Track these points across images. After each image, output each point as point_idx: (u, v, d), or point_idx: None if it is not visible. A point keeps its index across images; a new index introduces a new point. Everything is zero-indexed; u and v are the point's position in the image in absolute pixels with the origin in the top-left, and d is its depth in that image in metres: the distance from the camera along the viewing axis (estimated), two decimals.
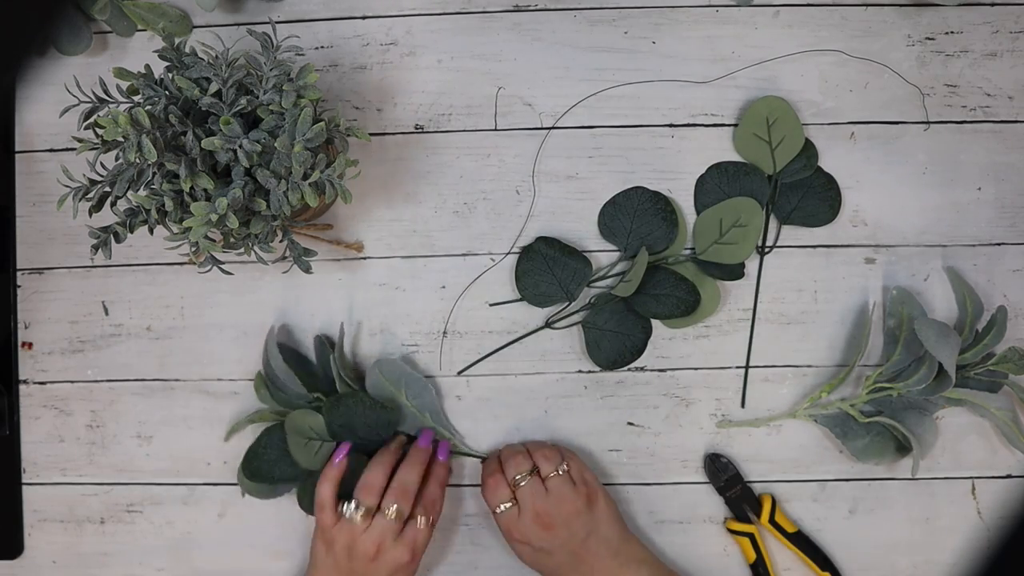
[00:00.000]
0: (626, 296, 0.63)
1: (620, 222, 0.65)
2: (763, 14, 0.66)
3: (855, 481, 0.65)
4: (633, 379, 0.66)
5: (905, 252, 0.66)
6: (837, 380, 0.64)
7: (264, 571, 0.67)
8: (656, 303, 0.64)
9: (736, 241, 0.64)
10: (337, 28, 0.67)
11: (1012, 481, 0.65)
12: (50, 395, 0.68)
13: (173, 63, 0.53)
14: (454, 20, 0.67)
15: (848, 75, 0.66)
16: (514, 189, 0.66)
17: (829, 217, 0.65)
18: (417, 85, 0.67)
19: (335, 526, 0.59)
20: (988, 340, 0.62)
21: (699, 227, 0.65)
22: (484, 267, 0.66)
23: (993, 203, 0.66)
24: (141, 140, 0.49)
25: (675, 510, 0.66)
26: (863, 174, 0.66)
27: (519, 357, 0.66)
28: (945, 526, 0.65)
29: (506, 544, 0.62)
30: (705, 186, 0.65)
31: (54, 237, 0.68)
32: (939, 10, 0.66)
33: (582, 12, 0.66)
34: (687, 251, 0.66)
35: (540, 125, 0.66)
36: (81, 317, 0.68)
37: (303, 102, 0.51)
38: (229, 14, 0.67)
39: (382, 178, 0.67)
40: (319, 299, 0.67)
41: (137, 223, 0.53)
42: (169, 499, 0.67)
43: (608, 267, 0.66)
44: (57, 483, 0.67)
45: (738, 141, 0.65)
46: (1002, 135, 0.66)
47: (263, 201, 0.52)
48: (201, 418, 0.67)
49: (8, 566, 0.67)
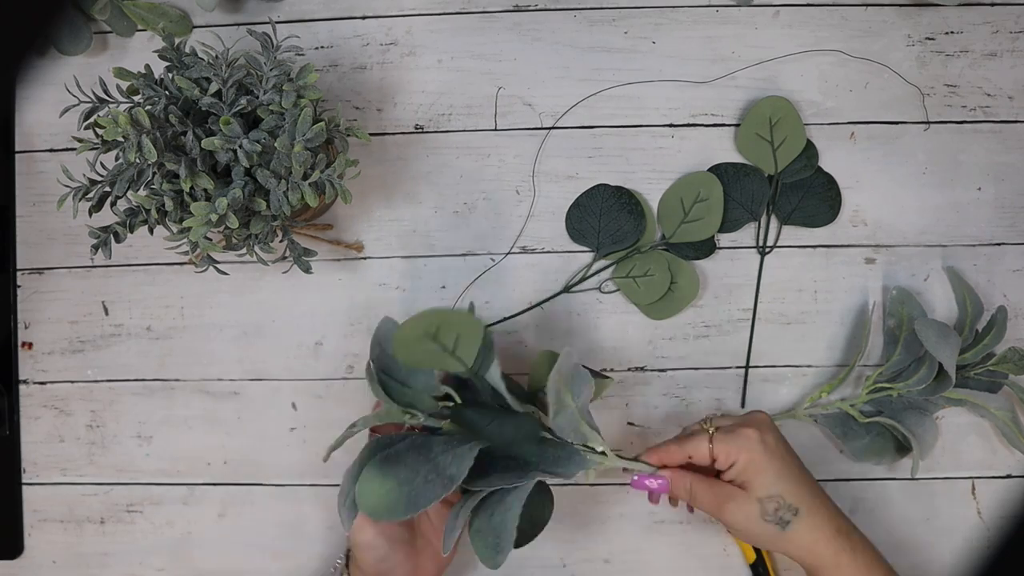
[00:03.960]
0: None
1: (587, 223, 0.65)
2: (763, 14, 0.66)
3: (855, 481, 0.65)
4: (633, 379, 0.66)
5: (905, 252, 0.66)
6: (837, 380, 0.64)
7: (264, 571, 0.67)
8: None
9: (701, 216, 0.64)
10: (337, 28, 0.67)
11: (1012, 481, 0.65)
12: (50, 395, 0.68)
13: (173, 63, 0.53)
14: (454, 20, 0.67)
15: (848, 75, 0.66)
16: (514, 189, 0.66)
17: (829, 217, 0.65)
18: (417, 85, 0.67)
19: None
20: (988, 340, 0.62)
21: (662, 211, 0.65)
22: (484, 267, 0.66)
23: (993, 203, 0.66)
24: (141, 140, 0.49)
25: (675, 510, 0.66)
26: (863, 174, 0.66)
27: (519, 357, 0.66)
28: (945, 526, 0.65)
29: None
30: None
31: (54, 237, 0.68)
32: (939, 10, 0.66)
33: (582, 12, 0.66)
34: (659, 240, 0.66)
35: (540, 125, 0.66)
36: (81, 317, 0.68)
37: (303, 102, 0.51)
38: (229, 14, 0.67)
39: (382, 178, 0.67)
40: (319, 299, 0.67)
41: (137, 223, 0.53)
42: (169, 499, 0.67)
43: (584, 268, 0.66)
44: (57, 483, 0.67)
45: (740, 141, 0.65)
46: (1002, 135, 0.66)
47: (263, 201, 0.52)
48: (201, 418, 0.67)
49: (8, 566, 0.67)
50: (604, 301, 0.66)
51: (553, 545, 0.66)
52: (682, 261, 0.65)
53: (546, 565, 0.66)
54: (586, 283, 0.66)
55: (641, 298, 0.65)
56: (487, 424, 0.54)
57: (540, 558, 0.66)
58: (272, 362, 0.67)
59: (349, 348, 0.67)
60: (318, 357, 0.66)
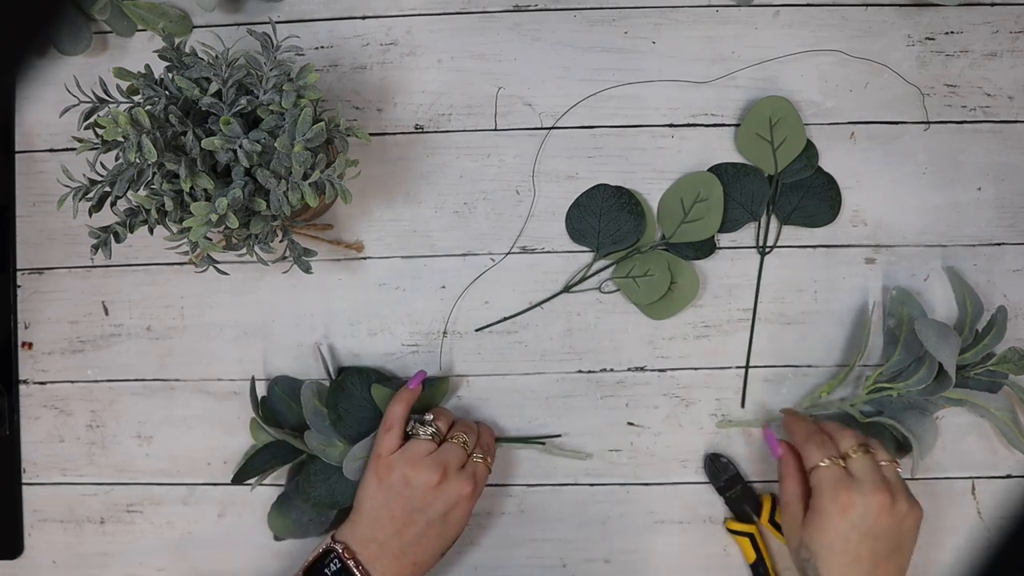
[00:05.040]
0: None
1: (587, 223, 0.65)
2: (763, 14, 0.66)
3: None
4: (633, 379, 0.66)
5: (905, 252, 0.66)
6: (837, 380, 0.64)
7: (264, 571, 0.67)
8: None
9: (701, 216, 0.64)
10: (337, 28, 0.67)
11: (1012, 481, 0.65)
12: (50, 395, 0.68)
13: (173, 63, 0.53)
14: (454, 20, 0.67)
15: (848, 75, 0.66)
16: (514, 189, 0.66)
17: (829, 217, 0.65)
18: (417, 85, 0.67)
19: (395, 453, 0.58)
20: (988, 340, 0.62)
21: (662, 211, 0.65)
22: (484, 267, 0.66)
23: (993, 203, 0.66)
24: (141, 140, 0.49)
25: (675, 510, 0.66)
26: (863, 174, 0.66)
27: (519, 357, 0.66)
28: (945, 526, 0.65)
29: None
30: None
31: (54, 237, 0.68)
32: (939, 10, 0.66)
33: (582, 12, 0.66)
34: (659, 240, 0.66)
35: (540, 125, 0.66)
36: (81, 317, 0.68)
37: (303, 102, 0.51)
38: (229, 14, 0.67)
39: (382, 178, 0.67)
40: (319, 299, 0.67)
41: (137, 223, 0.53)
42: (169, 499, 0.67)
43: (584, 268, 0.66)
44: (57, 483, 0.67)
45: (740, 141, 0.65)
46: (1002, 135, 0.66)
47: (263, 201, 0.52)
48: (201, 418, 0.67)
49: (8, 566, 0.67)
50: (604, 301, 0.66)
51: (553, 545, 0.66)
52: (682, 261, 0.65)
53: (546, 565, 0.66)
54: (586, 283, 0.66)
55: (641, 298, 0.65)
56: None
57: (540, 558, 0.66)
58: (272, 362, 0.67)
59: (349, 348, 0.67)
60: (318, 357, 0.66)
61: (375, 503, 0.58)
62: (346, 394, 0.63)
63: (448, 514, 0.57)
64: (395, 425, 0.59)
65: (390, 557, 0.57)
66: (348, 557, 0.57)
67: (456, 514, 0.58)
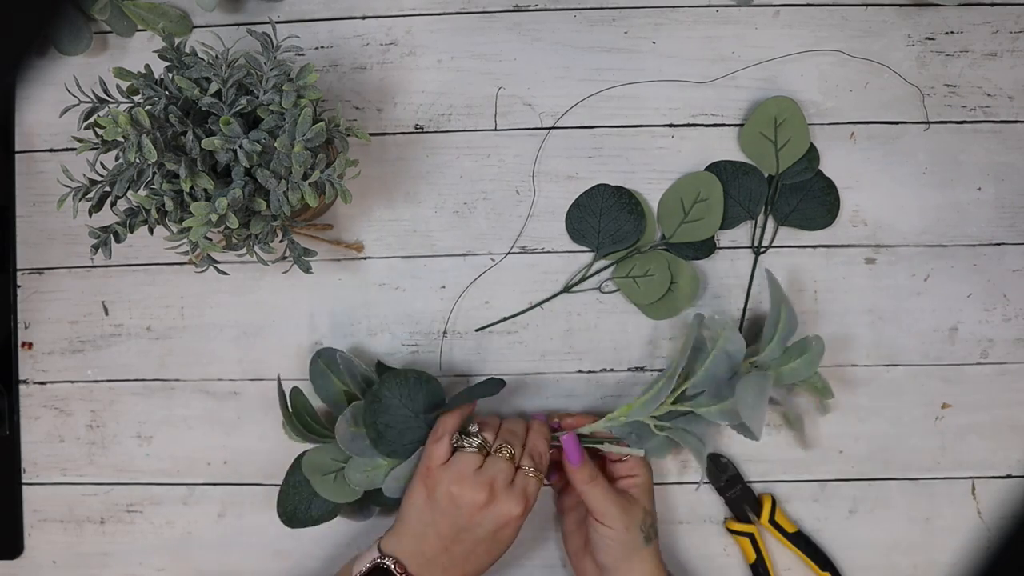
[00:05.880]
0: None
1: (587, 223, 0.65)
2: (763, 14, 0.66)
3: (855, 481, 0.65)
4: (633, 379, 0.66)
5: (905, 252, 0.66)
6: (639, 401, 0.60)
7: (264, 571, 0.67)
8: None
9: (701, 216, 0.64)
10: (337, 28, 0.67)
11: (1012, 481, 0.65)
12: (50, 395, 0.68)
13: (173, 63, 0.53)
14: (454, 20, 0.67)
15: (848, 75, 0.66)
16: (514, 189, 0.66)
17: (827, 221, 0.65)
18: (417, 85, 0.67)
19: (443, 465, 0.56)
20: (796, 365, 0.60)
21: (662, 211, 0.65)
22: (484, 267, 0.66)
23: (993, 203, 0.66)
24: (141, 140, 0.49)
25: (675, 510, 0.66)
26: (863, 174, 0.66)
27: (519, 357, 0.66)
28: (945, 526, 0.65)
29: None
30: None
31: (54, 237, 0.68)
32: (939, 10, 0.66)
33: (582, 12, 0.66)
34: (659, 240, 0.66)
35: (540, 125, 0.66)
36: (81, 317, 0.68)
37: (303, 102, 0.51)
38: (229, 14, 0.67)
39: (382, 178, 0.67)
40: (319, 299, 0.67)
41: (137, 223, 0.53)
42: (169, 499, 0.67)
43: (584, 268, 0.66)
44: (57, 483, 0.67)
45: (743, 139, 0.65)
46: (1002, 135, 0.66)
47: (263, 201, 0.52)
48: (201, 418, 0.67)
49: (8, 566, 0.67)
50: (604, 301, 0.66)
51: (553, 545, 0.66)
52: (682, 261, 0.65)
53: (546, 565, 0.66)
54: (586, 283, 0.66)
55: (641, 298, 0.65)
56: None
57: (540, 558, 0.66)
58: (272, 362, 0.67)
59: (349, 348, 0.66)
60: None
61: (422, 519, 0.56)
62: (383, 407, 0.59)
63: (497, 532, 0.55)
64: (446, 435, 0.57)
65: (440, 570, 0.55)
66: (400, 571, 0.55)
67: (506, 532, 0.56)
